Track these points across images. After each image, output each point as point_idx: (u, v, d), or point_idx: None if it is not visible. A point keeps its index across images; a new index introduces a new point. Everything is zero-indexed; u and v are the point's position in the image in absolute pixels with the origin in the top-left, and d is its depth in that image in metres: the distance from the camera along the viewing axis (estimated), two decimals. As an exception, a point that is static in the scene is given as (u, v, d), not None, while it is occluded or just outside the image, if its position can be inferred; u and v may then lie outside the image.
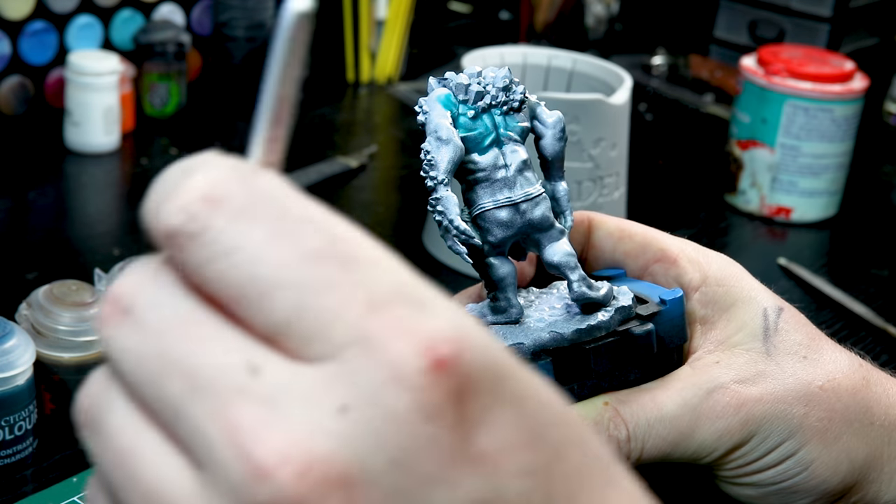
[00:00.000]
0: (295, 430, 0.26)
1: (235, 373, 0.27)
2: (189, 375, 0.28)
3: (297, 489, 0.26)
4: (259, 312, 0.28)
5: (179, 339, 0.28)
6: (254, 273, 0.28)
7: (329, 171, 1.13)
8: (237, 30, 1.30)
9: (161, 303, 0.29)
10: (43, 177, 1.08)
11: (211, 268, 0.28)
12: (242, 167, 0.29)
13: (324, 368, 0.27)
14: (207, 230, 0.28)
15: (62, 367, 0.68)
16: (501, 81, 0.50)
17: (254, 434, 0.26)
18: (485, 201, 0.50)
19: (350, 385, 0.27)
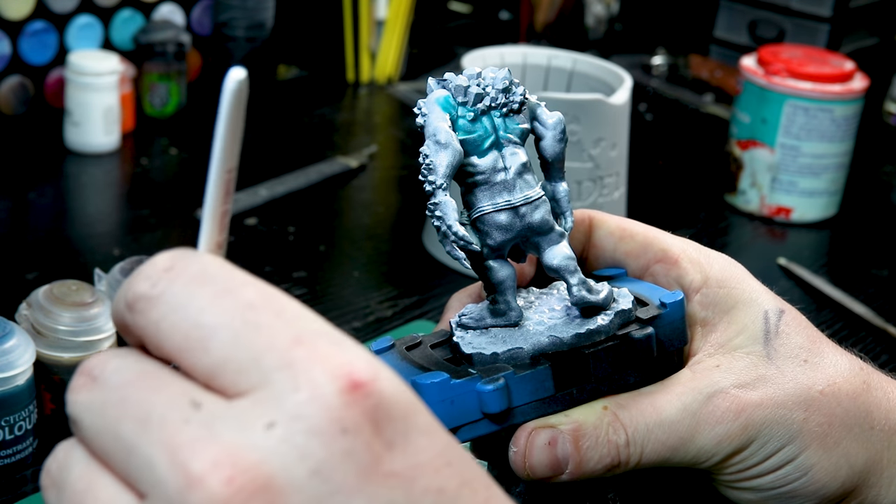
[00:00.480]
0: (226, 444, 0.30)
1: (180, 409, 0.31)
2: (141, 416, 0.31)
3: (224, 494, 0.29)
4: (202, 355, 0.32)
5: (135, 389, 0.32)
6: (199, 321, 0.32)
7: (329, 171, 1.13)
8: (237, 30, 1.30)
9: (122, 367, 0.33)
10: (43, 177, 1.08)
11: (165, 322, 0.33)
12: (198, 251, 0.35)
13: (255, 395, 0.31)
14: (165, 292, 0.33)
15: (62, 367, 0.68)
16: (501, 83, 0.50)
17: (190, 450, 0.30)
18: (484, 204, 0.49)
19: (276, 405, 0.30)
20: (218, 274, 0.33)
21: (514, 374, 0.47)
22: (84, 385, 0.33)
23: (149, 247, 0.95)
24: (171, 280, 0.33)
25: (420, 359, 0.50)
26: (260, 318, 0.32)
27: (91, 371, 0.33)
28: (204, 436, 0.30)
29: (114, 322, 0.35)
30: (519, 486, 0.51)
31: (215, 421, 0.31)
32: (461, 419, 0.47)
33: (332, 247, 1.00)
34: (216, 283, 0.33)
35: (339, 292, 0.91)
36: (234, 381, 0.31)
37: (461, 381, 0.47)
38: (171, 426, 0.31)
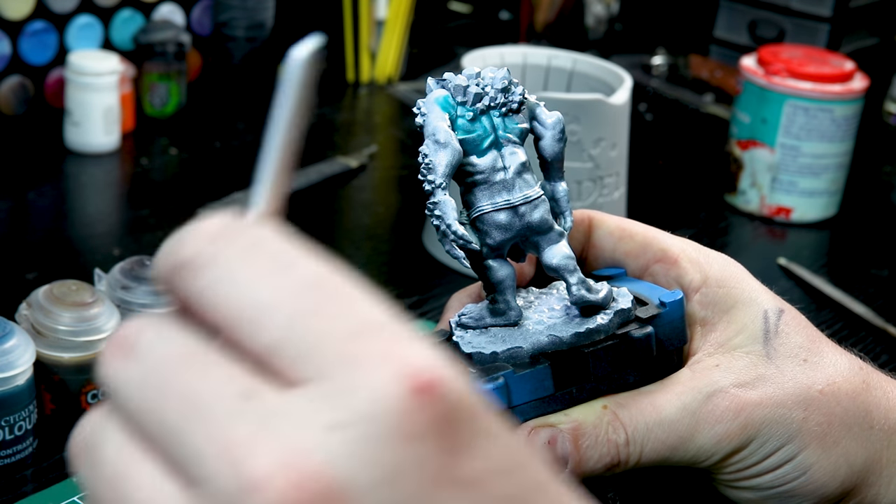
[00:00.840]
0: (285, 446, 0.28)
1: (231, 398, 0.29)
2: (188, 402, 0.29)
3: (286, 502, 0.27)
4: (254, 334, 0.29)
5: (180, 369, 0.30)
6: (252, 296, 0.30)
7: (329, 171, 1.13)
8: (237, 30, 1.30)
9: (163, 340, 0.30)
10: (43, 177, 1.08)
11: (214, 292, 0.30)
12: (249, 217, 0.32)
13: (312, 390, 0.29)
14: (215, 261, 0.30)
15: (62, 367, 0.68)
16: (500, 83, 0.50)
17: (247, 450, 0.28)
18: (483, 204, 0.49)
19: (336, 403, 0.28)
20: (274, 246, 0.30)
21: (513, 374, 0.47)
22: (119, 356, 0.31)
23: (149, 247, 0.95)
24: (222, 248, 0.30)
25: (419, 358, 0.50)
26: (319, 302, 0.30)
27: (126, 340, 0.31)
28: (259, 432, 0.28)
29: (155, 281, 0.32)
30: (518, 486, 0.51)
31: (270, 415, 0.28)
32: (460, 419, 0.47)
33: (332, 247, 1.00)
34: (272, 257, 0.30)
35: (338, 292, 0.91)
36: (289, 368, 0.29)
37: (460, 380, 0.47)
38: (221, 418, 0.28)
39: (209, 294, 0.30)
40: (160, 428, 0.29)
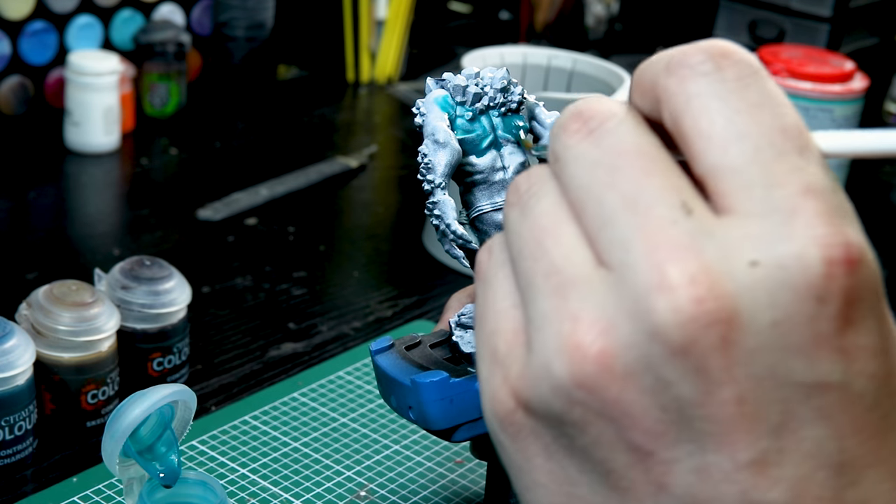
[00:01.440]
0: (705, 265, 0.30)
1: (670, 206, 0.31)
2: (632, 193, 0.32)
3: (691, 310, 0.30)
4: (710, 153, 0.32)
5: (630, 163, 0.32)
6: (733, 119, 0.32)
7: (329, 171, 1.13)
8: (237, 30, 1.30)
9: (621, 130, 0.33)
10: (43, 177, 1.08)
11: (699, 102, 0.32)
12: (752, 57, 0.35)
13: (747, 224, 0.31)
14: (712, 73, 0.32)
15: (62, 367, 0.68)
16: (499, 82, 0.50)
17: (670, 255, 0.30)
18: (483, 204, 0.49)
19: (764, 244, 0.30)
20: (764, 84, 0.33)
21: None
22: (577, 131, 0.33)
23: (149, 247, 0.95)
24: (721, 68, 0.32)
25: (419, 358, 0.50)
26: (787, 147, 0.32)
27: (588, 118, 0.33)
28: (688, 246, 0.30)
29: (637, 74, 0.34)
30: (518, 486, 0.51)
31: (702, 235, 0.30)
32: (460, 418, 0.47)
33: (332, 247, 1.00)
34: (760, 90, 0.33)
35: (339, 292, 0.91)
36: (732, 194, 0.31)
37: (460, 379, 0.47)
38: (658, 220, 0.31)
39: (693, 102, 0.32)
40: (597, 208, 0.32)
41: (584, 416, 0.32)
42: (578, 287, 0.32)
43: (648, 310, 0.30)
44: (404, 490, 0.66)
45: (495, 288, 0.35)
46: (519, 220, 0.34)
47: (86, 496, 0.63)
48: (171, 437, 0.57)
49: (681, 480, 0.31)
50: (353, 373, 0.77)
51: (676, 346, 0.30)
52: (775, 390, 0.30)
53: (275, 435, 0.70)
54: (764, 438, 0.30)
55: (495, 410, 0.34)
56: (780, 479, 0.31)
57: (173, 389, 0.56)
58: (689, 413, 0.30)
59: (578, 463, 0.33)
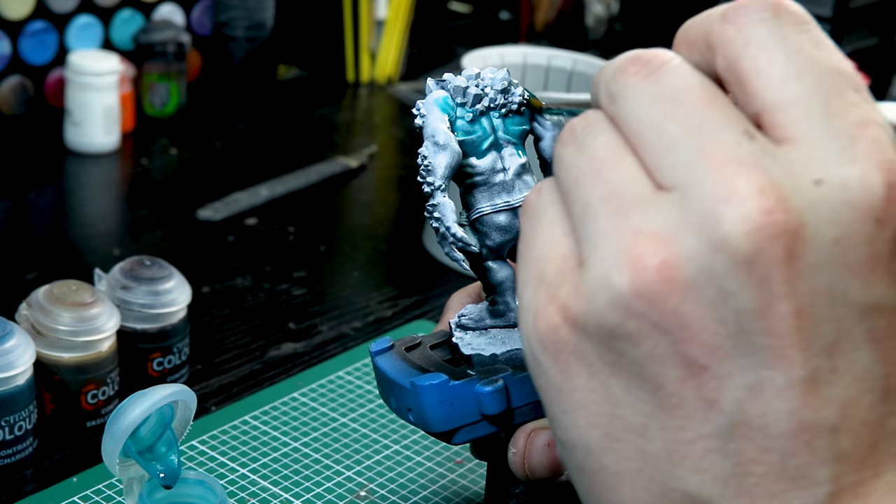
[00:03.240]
0: (772, 181, 0.31)
1: (734, 132, 0.32)
2: (693, 123, 0.32)
3: (759, 220, 0.30)
4: (768, 89, 0.32)
5: (690, 97, 0.33)
6: (791, 57, 0.33)
7: (329, 171, 1.13)
8: (237, 30, 1.30)
9: (681, 71, 0.34)
10: (43, 177, 1.08)
11: (755, 46, 0.33)
12: None
13: (808, 148, 0.31)
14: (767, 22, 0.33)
15: (62, 367, 0.68)
16: (500, 83, 0.50)
17: (737, 171, 0.31)
18: (483, 205, 0.49)
19: (825, 166, 0.31)
20: (819, 31, 0.34)
21: (512, 376, 0.47)
22: (636, 73, 0.34)
23: (149, 247, 0.95)
24: (778, 15, 0.33)
25: (419, 360, 0.50)
26: (844, 86, 0.33)
27: (646, 61, 0.34)
28: (754, 164, 0.31)
29: (683, 29, 0.35)
30: (518, 487, 0.51)
31: (766, 156, 0.31)
32: (460, 420, 0.47)
33: (332, 247, 1.00)
34: (816, 36, 0.33)
35: (339, 292, 0.91)
36: (792, 125, 0.32)
37: (460, 382, 0.47)
38: (722, 142, 0.31)
39: (751, 48, 0.33)
40: (658, 137, 0.33)
41: (640, 328, 0.32)
42: (639, 205, 0.32)
43: (716, 220, 0.30)
44: (404, 490, 0.66)
45: (544, 221, 0.35)
46: (575, 154, 0.35)
47: (86, 496, 0.63)
48: (171, 437, 0.57)
49: (732, 396, 0.31)
50: (353, 373, 0.77)
51: (742, 256, 0.30)
52: (831, 308, 0.31)
53: (275, 435, 0.70)
54: (818, 356, 0.31)
55: (538, 329, 0.34)
56: (831, 400, 0.31)
57: (173, 389, 0.56)
58: (747, 326, 0.31)
59: (625, 381, 0.33)
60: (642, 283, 0.31)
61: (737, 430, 0.31)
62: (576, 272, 0.33)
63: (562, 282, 0.34)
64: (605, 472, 0.34)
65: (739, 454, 0.31)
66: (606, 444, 0.33)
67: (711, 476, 0.32)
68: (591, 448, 0.34)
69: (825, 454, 0.31)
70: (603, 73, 0.35)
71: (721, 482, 0.32)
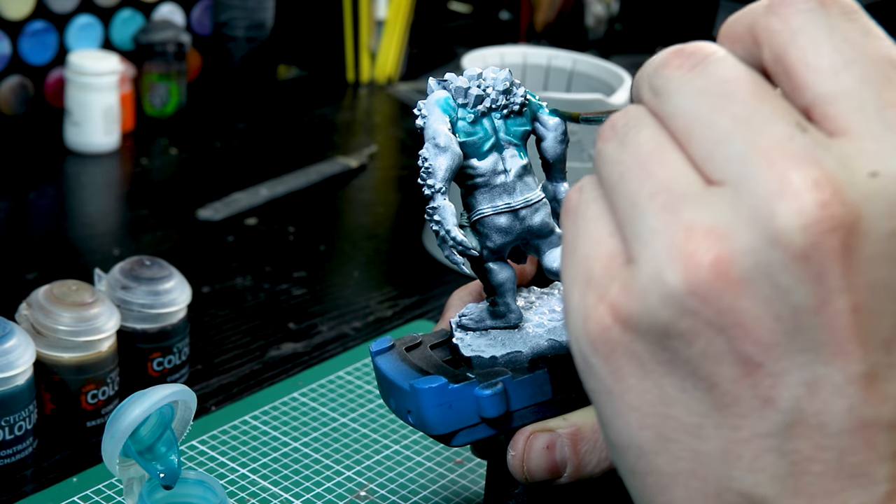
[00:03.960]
0: (827, 174, 0.30)
1: (786, 124, 0.31)
2: (742, 115, 0.32)
3: (815, 214, 0.29)
4: (824, 79, 0.32)
5: (740, 89, 0.32)
6: (840, 49, 0.32)
7: (329, 171, 1.13)
8: (237, 30, 1.30)
9: (727, 64, 0.33)
10: (43, 177, 1.08)
11: (804, 36, 0.33)
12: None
13: (860, 141, 0.31)
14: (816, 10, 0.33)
15: (62, 367, 0.68)
16: (502, 84, 0.49)
17: (792, 164, 0.30)
18: (484, 207, 0.49)
19: (881, 157, 0.30)
20: (867, 20, 0.33)
21: (512, 379, 0.47)
22: (680, 66, 0.33)
23: (149, 247, 0.95)
24: (824, 5, 0.33)
25: (419, 360, 0.50)
26: (893, 76, 0.32)
27: (690, 54, 0.33)
28: (807, 156, 0.30)
29: (728, 24, 0.35)
30: (518, 488, 0.51)
31: (819, 149, 0.30)
32: (460, 423, 0.47)
33: (332, 247, 1.00)
34: (864, 24, 0.33)
35: (339, 292, 0.91)
36: (844, 116, 0.31)
37: (459, 385, 0.47)
38: (774, 135, 0.31)
39: (799, 37, 0.32)
40: (708, 131, 0.32)
41: (694, 326, 0.31)
42: (690, 201, 0.31)
43: (770, 214, 0.30)
44: (404, 490, 0.66)
45: (588, 219, 0.34)
46: (618, 150, 0.34)
47: (86, 496, 0.63)
48: (171, 437, 0.57)
49: (788, 394, 0.30)
50: (353, 373, 0.77)
51: (798, 250, 0.30)
52: (890, 303, 0.30)
53: (275, 435, 0.70)
54: (876, 352, 0.30)
55: (588, 330, 0.33)
56: (890, 396, 0.30)
57: (173, 389, 0.56)
58: (803, 322, 0.30)
59: (678, 380, 0.32)
60: (696, 279, 0.31)
61: (793, 429, 0.31)
62: (625, 270, 0.33)
63: (611, 281, 0.33)
64: (657, 473, 0.33)
65: (796, 452, 0.31)
66: (659, 445, 0.33)
67: (768, 475, 0.31)
68: (644, 450, 0.33)
69: (884, 451, 0.30)
70: (645, 68, 0.35)
71: (777, 481, 0.31)
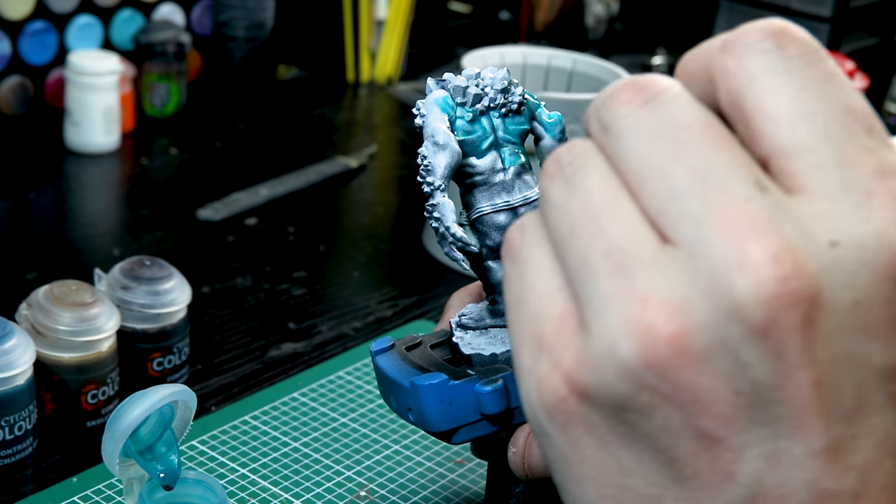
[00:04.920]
0: (787, 243, 0.29)
1: (744, 182, 0.30)
2: (699, 168, 0.30)
3: (774, 289, 0.28)
4: (776, 133, 0.30)
5: (696, 136, 0.31)
6: (796, 97, 0.31)
7: (329, 171, 1.13)
8: (237, 30, 1.30)
9: (682, 103, 0.31)
10: (43, 177, 1.08)
11: (759, 82, 0.31)
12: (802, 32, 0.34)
13: (821, 202, 0.30)
14: (770, 53, 0.32)
15: (62, 367, 0.68)
16: (500, 83, 0.50)
17: (752, 231, 0.29)
18: (483, 205, 0.49)
19: (840, 224, 0.29)
20: (826, 63, 0.32)
21: (512, 376, 0.47)
22: (631, 100, 0.32)
23: (149, 247, 0.95)
24: (782, 46, 0.32)
25: (419, 359, 0.50)
26: (856, 128, 0.31)
27: (642, 88, 0.32)
28: (767, 223, 0.29)
29: (683, 61, 0.33)
30: (518, 486, 0.51)
31: (779, 213, 0.29)
32: (460, 420, 0.47)
33: (332, 247, 1.00)
34: (823, 69, 0.31)
35: (339, 292, 0.91)
36: (803, 173, 0.30)
37: (460, 382, 0.47)
38: (732, 196, 0.29)
39: (755, 83, 0.31)
40: (661, 183, 0.30)
41: (652, 400, 0.30)
42: (644, 266, 0.30)
43: (728, 288, 0.29)
44: (404, 490, 0.66)
45: (533, 268, 0.33)
46: (565, 195, 0.32)
47: (86, 496, 0.63)
48: (171, 437, 0.57)
49: (749, 468, 0.30)
50: (353, 373, 0.77)
51: (757, 325, 0.29)
52: (852, 374, 0.29)
53: (275, 435, 0.70)
54: (838, 424, 0.30)
55: (543, 399, 0.32)
56: (851, 467, 0.30)
57: (173, 389, 0.56)
58: (764, 397, 0.29)
59: (636, 452, 0.31)
60: (653, 354, 0.29)
61: (754, 502, 0.30)
62: (577, 335, 0.31)
63: (564, 348, 0.32)
64: None
65: None
66: None
67: None
68: None
69: None
70: (595, 100, 0.33)
71: None
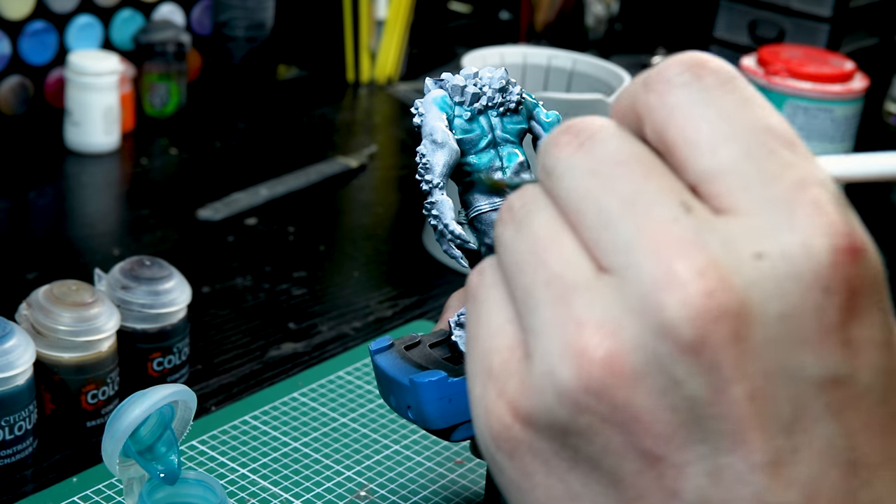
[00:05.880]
0: (712, 259, 0.30)
1: (670, 205, 0.31)
2: (627, 197, 0.31)
3: (701, 305, 0.29)
4: (705, 156, 0.31)
5: (626, 169, 0.32)
6: (715, 124, 0.32)
7: (329, 171, 1.13)
8: (237, 30, 1.30)
9: (614, 140, 0.33)
10: (43, 177, 1.08)
11: (679, 112, 0.32)
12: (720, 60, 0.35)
13: (747, 219, 0.30)
14: (690, 85, 0.33)
15: (62, 367, 0.68)
16: (498, 82, 0.50)
17: (677, 250, 0.30)
18: (481, 203, 0.49)
19: (766, 237, 0.30)
20: (744, 88, 0.33)
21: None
22: (569, 144, 0.33)
23: (149, 247, 0.95)
24: (699, 77, 0.33)
25: (419, 358, 0.50)
26: (775, 145, 0.31)
27: (578, 132, 0.33)
28: (692, 241, 0.30)
29: (614, 101, 0.34)
30: (518, 486, 0.51)
31: (704, 231, 0.30)
32: (459, 417, 0.47)
33: (332, 247, 1.00)
34: (741, 94, 0.32)
35: (339, 292, 0.91)
36: (727, 194, 0.31)
37: (458, 379, 0.47)
38: (659, 218, 0.30)
39: (675, 113, 0.32)
40: (595, 214, 0.32)
41: (592, 423, 0.31)
42: (581, 292, 0.31)
43: (656, 307, 0.29)
44: (404, 490, 0.66)
45: (488, 306, 0.34)
46: (515, 237, 0.34)
47: (86, 496, 0.63)
48: (171, 437, 0.57)
49: (693, 484, 0.30)
50: (353, 373, 0.77)
51: (687, 342, 0.29)
52: (786, 386, 0.30)
53: (275, 435, 0.70)
54: (777, 437, 0.30)
55: (490, 427, 0.33)
56: (795, 481, 0.30)
57: (173, 389, 0.56)
58: (700, 413, 0.30)
59: (582, 475, 0.32)
60: (588, 376, 0.30)
61: None
62: (522, 365, 0.32)
63: (509, 376, 0.32)
64: None
65: None
66: None
67: None
68: None
69: None
70: (539, 146, 0.34)
71: None
